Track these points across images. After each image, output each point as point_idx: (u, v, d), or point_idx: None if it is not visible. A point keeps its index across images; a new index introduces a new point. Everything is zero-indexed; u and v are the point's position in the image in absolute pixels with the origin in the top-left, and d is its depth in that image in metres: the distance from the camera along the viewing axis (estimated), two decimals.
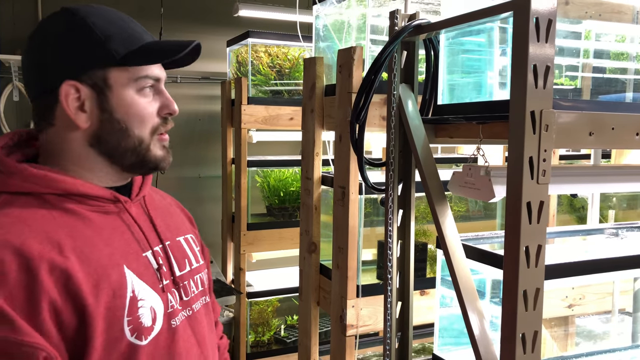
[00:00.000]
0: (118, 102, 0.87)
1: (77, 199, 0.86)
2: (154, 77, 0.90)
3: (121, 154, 0.89)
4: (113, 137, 0.88)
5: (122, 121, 0.88)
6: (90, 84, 0.86)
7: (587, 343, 1.97)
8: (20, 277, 0.74)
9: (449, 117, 1.31)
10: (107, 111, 0.87)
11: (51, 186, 0.84)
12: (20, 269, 0.74)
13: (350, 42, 1.99)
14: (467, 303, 1.13)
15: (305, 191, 2.14)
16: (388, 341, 1.42)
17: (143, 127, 0.89)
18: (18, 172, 0.84)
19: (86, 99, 0.86)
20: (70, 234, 0.81)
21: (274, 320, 3.47)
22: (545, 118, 0.96)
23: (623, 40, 1.47)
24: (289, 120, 3.11)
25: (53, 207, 0.83)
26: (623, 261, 1.34)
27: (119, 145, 0.89)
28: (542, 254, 0.99)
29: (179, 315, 0.93)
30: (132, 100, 0.88)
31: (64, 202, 0.85)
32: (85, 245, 0.82)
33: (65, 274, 0.77)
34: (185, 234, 1.05)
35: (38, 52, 0.87)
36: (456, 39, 1.41)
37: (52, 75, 0.85)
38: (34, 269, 0.75)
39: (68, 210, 0.84)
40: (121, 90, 0.87)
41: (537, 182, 0.97)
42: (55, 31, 0.86)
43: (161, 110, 0.92)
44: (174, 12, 3.73)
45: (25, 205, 0.82)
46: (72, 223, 0.83)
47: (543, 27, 0.95)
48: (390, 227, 1.40)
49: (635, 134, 1.09)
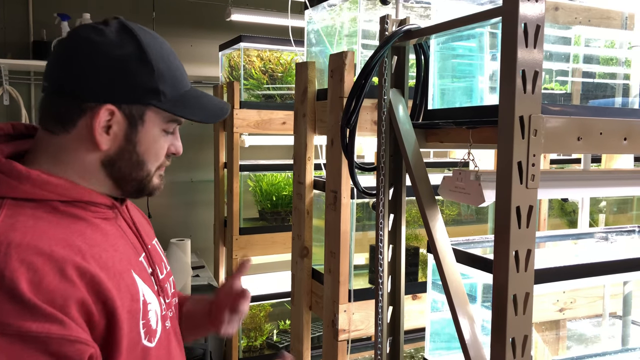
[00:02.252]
0: (145, 137, 0.88)
1: (80, 205, 0.85)
2: (179, 122, 0.92)
3: (128, 182, 0.90)
4: (127, 166, 0.89)
5: (142, 154, 0.89)
6: (127, 114, 0.85)
7: (579, 347, 1.98)
8: (56, 281, 0.74)
9: (439, 122, 1.31)
10: (132, 143, 0.87)
11: (62, 194, 0.83)
12: (55, 273, 0.74)
13: (342, 47, 1.99)
14: (458, 307, 1.13)
15: (297, 195, 2.13)
16: (379, 346, 1.41)
17: (155, 163, 0.91)
18: (31, 178, 0.81)
19: (115, 125, 0.85)
20: (84, 240, 0.81)
21: (266, 325, 3.45)
22: (534, 123, 0.97)
23: (612, 46, 1.48)
24: (281, 124, 3.11)
25: (62, 214, 0.83)
26: (612, 265, 1.35)
27: (130, 174, 0.89)
28: (531, 259, 0.99)
29: (168, 317, 0.96)
30: (157, 138, 0.90)
31: (70, 208, 0.84)
32: (100, 251, 0.82)
33: (94, 278, 0.78)
34: (153, 239, 1.06)
35: (87, 61, 0.83)
36: (447, 43, 1.41)
37: (94, 92, 0.83)
38: (67, 274, 0.75)
39: (76, 216, 0.84)
40: (151, 128, 0.88)
41: (526, 186, 0.97)
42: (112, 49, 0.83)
43: (170, 149, 0.93)
44: (166, 16, 3.72)
45: (36, 212, 0.81)
46: (83, 229, 0.83)
47: (531, 33, 0.96)
48: (381, 231, 1.40)
49: (623, 138, 1.10)
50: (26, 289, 0.71)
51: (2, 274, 0.71)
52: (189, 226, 3.90)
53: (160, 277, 0.97)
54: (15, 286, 0.71)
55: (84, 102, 0.83)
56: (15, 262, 0.72)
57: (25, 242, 0.75)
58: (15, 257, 0.73)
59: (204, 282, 2.91)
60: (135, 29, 0.86)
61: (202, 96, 0.92)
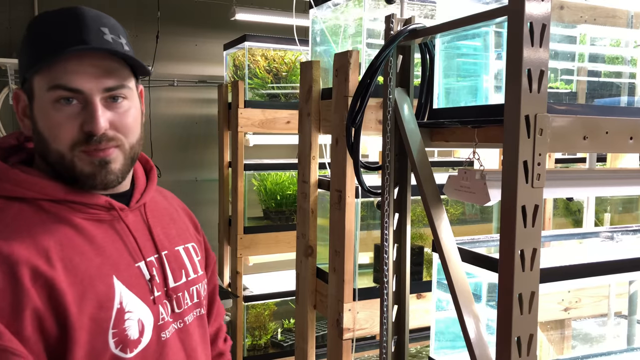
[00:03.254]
0: (38, 112, 0.84)
1: (72, 205, 0.84)
2: (69, 88, 0.81)
3: (53, 167, 0.85)
4: (39, 148, 0.86)
5: (42, 132, 0.84)
6: (25, 90, 0.85)
7: (584, 346, 1.97)
8: (4, 283, 0.73)
9: (444, 121, 1.31)
10: (33, 119, 0.85)
11: (42, 192, 0.83)
12: (5, 275, 0.74)
13: (346, 46, 1.99)
14: (463, 306, 1.14)
15: (301, 195, 2.14)
16: (384, 344, 1.42)
17: (59, 142, 0.83)
18: (10, 177, 0.83)
19: (25, 107, 0.86)
20: (60, 242, 0.80)
21: (270, 323, 3.46)
22: (539, 122, 0.97)
23: (618, 45, 1.48)
24: (286, 123, 3.11)
25: (47, 214, 0.82)
26: (618, 264, 1.35)
27: (46, 158, 0.86)
28: (537, 258, 0.99)
29: (169, 327, 0.91)
30: (47, 111, 0.82)
31: (59, 209, 0.83)
32: (74, 255, 0.80)
33: (49, 282, 0.76)
34: (186, 243, 1.02)
35: None
36: (452, 42, 1.41)
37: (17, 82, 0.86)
38: (18, 276, 0.74)
39: (61, 218, 0.83)
40: (40, 99, 0.83)
41: (531, 185, 0.97)
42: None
43: (84, 126, 0.83)
44: (171, 15, 3.73)
45: (19, 211, 0.81)
46: (64, 231, 0.82)
47: (537, 32, 0.95)
48: (386, 230, 1.40)
49: (629, 138, 1.10)
50: None
51: None
52: None
53: (172, 285, 0.92)
54: None
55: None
56: None
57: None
58: None
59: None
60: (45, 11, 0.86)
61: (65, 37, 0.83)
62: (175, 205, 1.08)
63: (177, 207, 1.08)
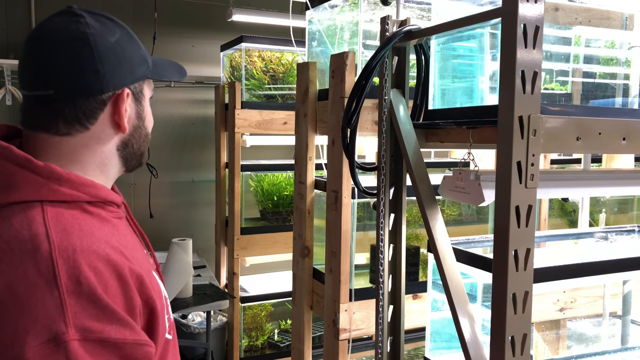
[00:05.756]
0: (146, 110, 0.93)
1: (100, 204, 0.85)
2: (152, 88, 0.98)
3: (136, 158, 0.93)
4: (139, 143, 0.92)
5: (147, 128, 0.94)
6: (134, 92, 0.89)
7: (579, 346, 1.98)
8: (116, 284, 0.75)
9: (439, 122, 1.32)
10: (141, 119, 0.92)
11: (93, 194, 0.83)
12: (115, 277, 0.75)
13: (343, 47, 2.00)
14: (458, 306, 1.14)
15: (298, 195, 2.14)
16: (380, 345, 1.42)
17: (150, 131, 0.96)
18: (70, 180, 0.81)
19: (129, 107, 0.87)
20: (118, 240, 0.81)
21: (267, 324, 3.46)
22: (533, 123, 0.97)
23: (612, 46, 1.49)
24: (283, 124, 3.12)
25: (91, 215, 0.82)
26: (611, 264, 1.35)
27: (139, 150, 0.93)
28: (530, 258, 1.00)
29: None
30: (149, 109, 0.95)
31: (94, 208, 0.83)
32: (132, 251, 0.83)
33: (139, 278, 0.79)
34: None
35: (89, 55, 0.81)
36: (447, 44, 1.42)
37: (108, 83, 0.83)
38: (124, 276, 0.76)
39: (101, 217, 0.83)
40: (146, 99, 0.93)
41: (525, 186, 0.98)
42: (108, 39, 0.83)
43: None
44: (168, 16, 3.73)
45: (73, 214, 0.80)
46: (111, 230, 0.83)
47: (530, 34, 0.96)
48: (381, 231, 1.41)
49: (622, 138, 1.11)
50: (103, 294, 0.72)
51: (78, 280, 0.71)
52: (191, 226, 3.90)
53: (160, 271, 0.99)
54: (93, 291, 0.72)
55: (101, 95, 0.83)
56: (85, 267, 0.72)
57: (85, 247, 0.75)
58: (84, 262, 0.73)
59: (205, 282, 2.92)
60: (102, 12, 0.88)
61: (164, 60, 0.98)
62: None
63: None
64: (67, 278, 0.71)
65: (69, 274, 0.71)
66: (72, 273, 0.71)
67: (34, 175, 0.78)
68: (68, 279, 0.71)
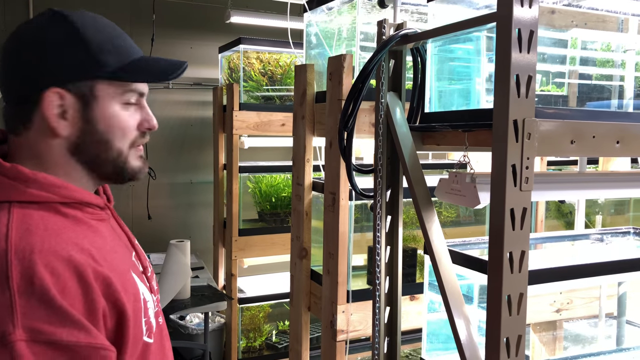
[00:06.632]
0: (102, 114, 0.86)
1: (77, 206, 0.85)
2: (139, 92, 0.90)
3: (100, 165, 0.89)
4: (93, 148, 0.87)
5: (104, 133, 0.87)
6: (77, 93, 0.84)
7: (576, 347, 1.99)
8: (76, 286, 0.75)
9: (435, 125, 1.32)
10: (90, 122, 0.86)
11: (65, 195, 0.83)
12: (75, 279, 0.75)
13: (340, 49, 2.01)
14: (453, 308, 1.15)
15: (296, 197, 2.15)
16: (376, 346, 1.43)
17: (123, 140, 0.89)
18: (37, 181, 0.82)
19: (69, 108, 0.84)
20: (91, 242, 0.82)
21: (265, 325, 3.47)
22: (527, 126, 0.98)
23: (609, 49, 1.49)
24: (281, 126, 3.13)
25: (65, 217, 0.83)
26: (607, 266, 1.36)
27: (99, 156, 0.88)
28: (525, 260, 1.01)
29: (160, 313, 0.98)
30: (116, 113, 0.87)
31: (70, 210, 0.84)
32: (105, 253, 0.83)
33: (106, 280, 0.79)
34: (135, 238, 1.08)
35: (23, 55, 0.84)
36: (444, 46, 1.43)
37: (36, 81, 0.83)
38: (85, 278, 0.76)
39: (78, 220, 0.84)
40: (107, 102, 0.86)
41: (520, 189, 0.99)
42: (44, 36, 0.83)
43: (141, 124, 0.91)
44: (166, 18, 3.74)
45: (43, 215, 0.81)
46: (86, 232, 0.83)
47: (525, 38, 0.97)
48: (378, 232, 1.41)
49: (615, 142, 1.12)
50: (57, 295, 0.72)
51: (31, 280, 0.71)
52: (189, 227, 3.91)
53: (148, 275, 0.98)
54: (45, 292, 0.71)
55: (31, 95, 0.83)
56: (41, 268, 0.72)
57: (46, 247, 0.75)
58: (40, 262, 0.73)
59: (203, 283, 2.93)
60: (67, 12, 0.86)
61: (152, 59, 0.91)
62: None
63: None
64: (19, 278, 0.71)
65: (23, 274, 0.71)
66: (26, 273, 0.71)
67: (1, 177, 0.81)
68: (21, 279, 0.71)
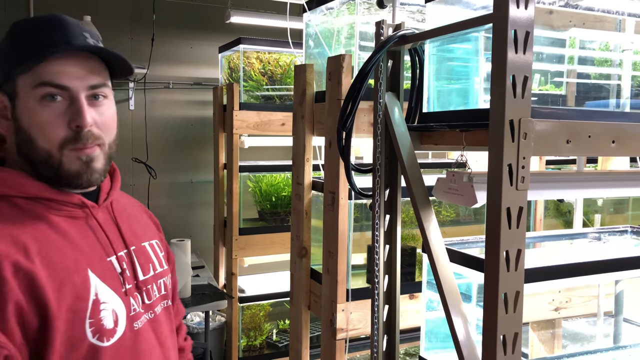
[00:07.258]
0: (22, 111, 0.86)
1: (46, 203, 0.88)
2: (56, 85, 0.85)
3: (37, 167, 0.88)
4: (25, 147, 0.88)
5: (27, 131, 0.86)
6: (7, 91, 0.87)
7: (574, 345, 2.00)
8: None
9: (433, 125, 1.33)
10: (17, 120, 0.87)
11: (19, 189, 0.86)
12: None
13: (340, 49, 2.01)
14: (451, 306, 1.16)
15: (296, 196, 2.16)
16: (375, 344, 1.44)
17: (47, 140, 0.86)
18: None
19: (5, 108, 0.87)
20: (37, 238, 0.84)
21: (265, 324, 3.48)
22: (523, 126, 0.99)
23: (607, 48, 1.50)
24: (281, 125, 3.14)
25: (22, 211, 0.85)
26: (604, 264, 1.37)
27: (30, 157, 0.88)
28: (521, 258, 1.02)
29: (141, 318, 0.95)
30: (33, 109, 0.85)
31: (34, 206, 0.87)
32: (50, 250, 0.84)
33: (29, 276, 0.79)
34: (151, 240, 1.07)
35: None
36: (442, 46, 1.43)
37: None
38: (0, 270, 0.77)
39: (36, 215, 0.86)
40: (25, 98, 0.85)
41: (516, 188, 1.00)
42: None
43: (71, 122, 0.86)
44: (167, 18, 3.74)
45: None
46: (39, 228, 0.85)
47: (521, 39, 0.98)
48: (377, 231, 1.42)
49: (611, 141, 1.12)
50: None
51: None
52: (189, 226, 3.92)
53: (142, 278, 0.97)
54: None
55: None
56: None
57: None
58: None
59: (204, 282, 2.94)
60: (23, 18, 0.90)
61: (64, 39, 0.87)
62: (136, 206, 1.14)
63: (139, 209, 1.14)
64: None
65: None
66: None
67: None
68: None
